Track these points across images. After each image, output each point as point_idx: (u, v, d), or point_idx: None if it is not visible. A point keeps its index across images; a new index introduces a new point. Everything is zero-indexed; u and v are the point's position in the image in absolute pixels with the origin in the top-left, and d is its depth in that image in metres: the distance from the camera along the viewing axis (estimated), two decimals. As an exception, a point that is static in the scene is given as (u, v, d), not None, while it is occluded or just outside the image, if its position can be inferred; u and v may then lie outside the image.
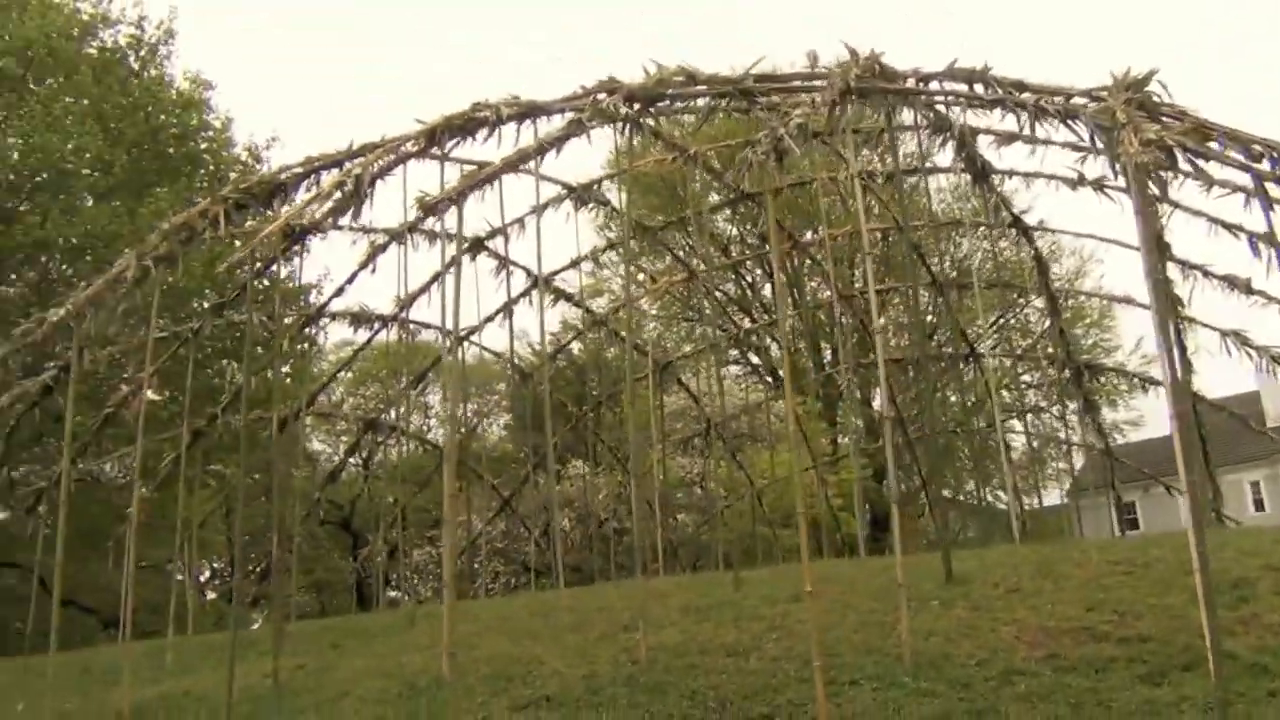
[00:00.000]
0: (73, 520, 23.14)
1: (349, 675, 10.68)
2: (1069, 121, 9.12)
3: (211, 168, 25.74)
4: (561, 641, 10.52)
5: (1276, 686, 7.49)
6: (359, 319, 17.16)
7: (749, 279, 41.50)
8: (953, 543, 26.24)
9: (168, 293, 21.06)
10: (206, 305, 20.32)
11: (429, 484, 27.49)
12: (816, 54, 11.34)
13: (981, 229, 28.32)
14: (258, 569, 38.60)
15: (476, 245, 17.13)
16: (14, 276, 25.43)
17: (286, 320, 17.85)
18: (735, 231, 40.17)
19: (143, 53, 25.94)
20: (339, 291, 16.29)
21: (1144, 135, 8.02)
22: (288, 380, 23.06)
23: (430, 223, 15.94)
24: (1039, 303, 26.40)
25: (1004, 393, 39.38)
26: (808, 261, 34.29)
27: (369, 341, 18.25)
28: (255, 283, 18.32)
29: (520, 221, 16.99)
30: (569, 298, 19.22)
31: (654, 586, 12.30)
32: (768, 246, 29.68)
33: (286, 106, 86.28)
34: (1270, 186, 8.71)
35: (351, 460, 37.51)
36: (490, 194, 14.26)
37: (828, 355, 38.72)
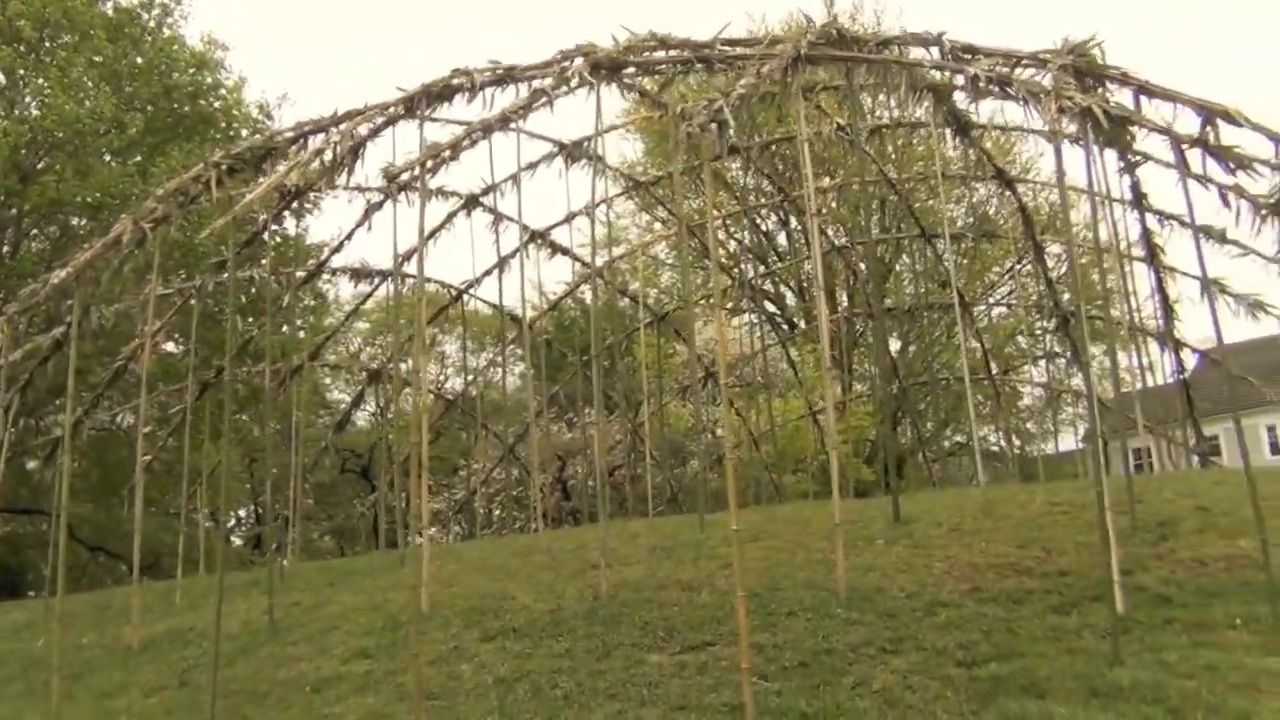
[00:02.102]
0: (96, 469, 24.22)
1: (340, 611, 11.47)
2: (1004, 87, 9.54)
3: (224, 126, 26.39)
4: (535, 579, 11.26)
5: (1174, 614, 8.10)
6: (358, 274, 17.82)
7: (765, 227, 41.77)
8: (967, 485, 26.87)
9: (186, 251, 21.90)
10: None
11: (441, 434, 28.37)
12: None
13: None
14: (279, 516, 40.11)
15: (471, 201, 17.72)
16: (35, 232, 26.31)
17: (293, 276, 18.51)
18: (751, 180, 40.47)
19: (155, 12, 26.48)
20: (338, 248, 16.95)
21: (1063, 102, 8.47)
22: (301, 334, 23.88)
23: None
24: (1055, 249, 26.70)
25: (1019, 339, 39.88)
26: (824, 210, 34.76)
27: (367, 297, 18.92)
28: (269, 240, 19.10)
29: (514, 178, 17.57)
30: (564, 250, 19.77)
31: (628, 528, 13.03)
32: (779, 195, 29.97)
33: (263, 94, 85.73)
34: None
35: (369, 410, 38.88)
36: (483, 152, 15.18)
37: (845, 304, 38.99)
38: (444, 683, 8.73)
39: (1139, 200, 17.25)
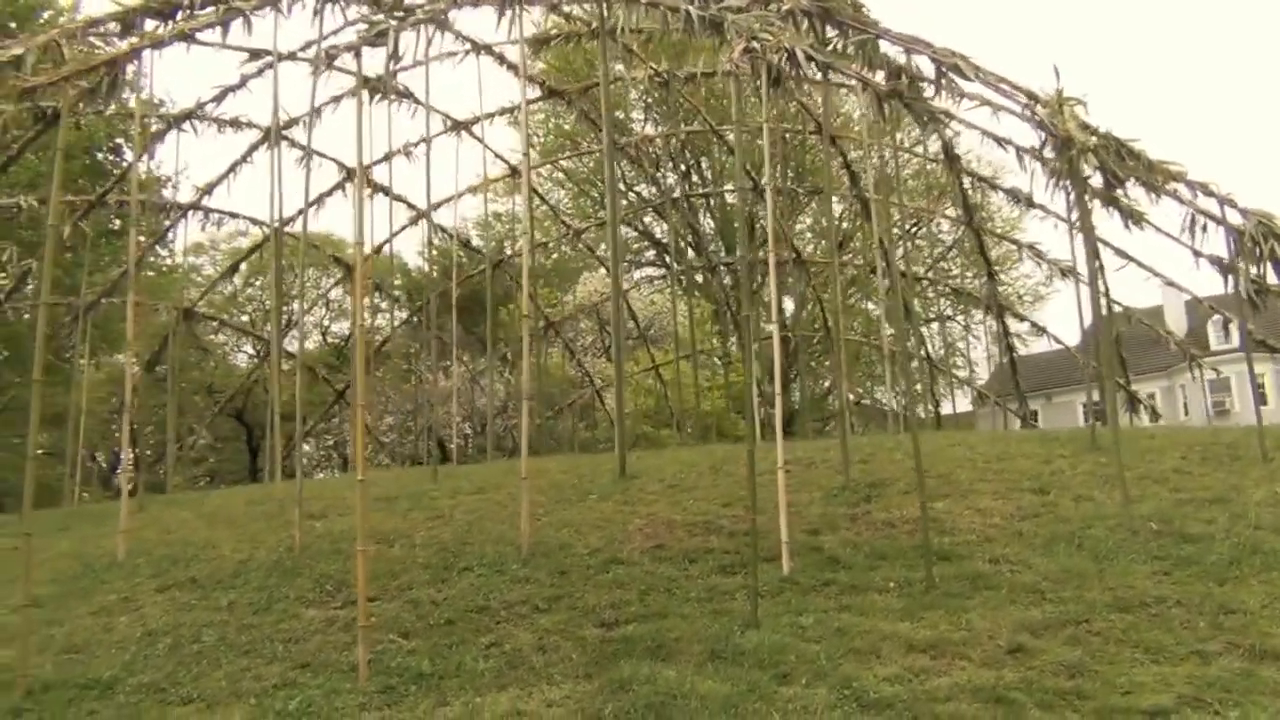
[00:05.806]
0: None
1: (49, 556, 10.88)
2: (717, 28, 9.13)
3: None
4: (248, 529, 10.80)
5: (836, 577, 7.90)
6: (145, 206, 16.98)
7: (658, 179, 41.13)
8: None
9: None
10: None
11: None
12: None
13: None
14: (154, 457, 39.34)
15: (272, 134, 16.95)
16: None
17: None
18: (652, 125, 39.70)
19: None
20: (121, 176, 16.13)
21: (749, 43, 8.10)
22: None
23: (213, 110, 15.85)
24: (950, 212, 26.37)
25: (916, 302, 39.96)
26: (727, 160, 34.17)
27: (166, 232, 18.02)
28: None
29: (317, 112, 16.90)
30: (385, 191, 19.13)
31: (371, 477, 12.56)
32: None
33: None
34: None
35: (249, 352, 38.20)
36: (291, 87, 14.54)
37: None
38: (95, 635, 8.28)
39: (950, 161, 17.06)
